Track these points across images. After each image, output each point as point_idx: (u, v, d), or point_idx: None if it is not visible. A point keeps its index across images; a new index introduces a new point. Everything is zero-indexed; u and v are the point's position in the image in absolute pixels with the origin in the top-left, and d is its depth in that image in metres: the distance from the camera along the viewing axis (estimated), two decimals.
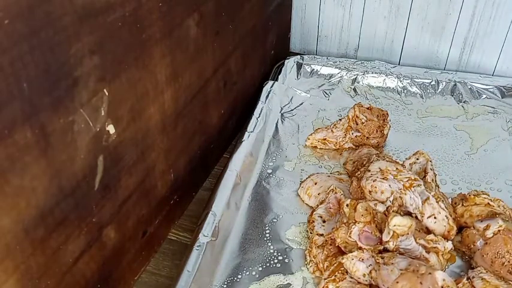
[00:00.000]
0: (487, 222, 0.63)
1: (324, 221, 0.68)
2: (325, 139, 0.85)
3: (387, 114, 0.86)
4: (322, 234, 0.66)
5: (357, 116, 0.83)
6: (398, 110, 0.96)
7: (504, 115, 0.93)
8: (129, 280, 0.63)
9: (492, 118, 0.92)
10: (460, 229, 0.67)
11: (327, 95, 1.00)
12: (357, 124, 0.83)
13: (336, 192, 0.70)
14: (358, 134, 0.84)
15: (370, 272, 0.57)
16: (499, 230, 0.62)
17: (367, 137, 0.83)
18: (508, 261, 0.61)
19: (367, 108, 0.85)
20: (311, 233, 0.67)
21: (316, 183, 0.75)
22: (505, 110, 0.94)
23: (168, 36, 0.59)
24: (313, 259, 0.64)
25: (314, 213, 0.70)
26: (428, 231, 0.65)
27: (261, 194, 0.75)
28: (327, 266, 0.61)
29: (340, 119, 0.86)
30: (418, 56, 1.09)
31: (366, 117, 0.83)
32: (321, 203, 0.71)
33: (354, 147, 0.85)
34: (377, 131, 0.83)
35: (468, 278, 0.59)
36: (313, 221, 0.68)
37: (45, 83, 0.41)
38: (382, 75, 1.02)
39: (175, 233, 0.71)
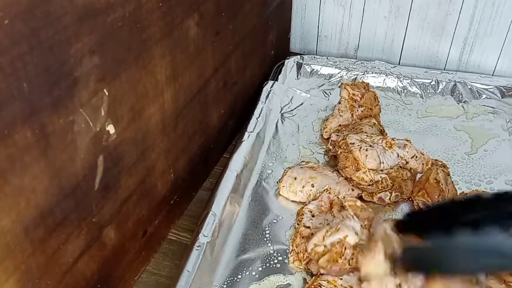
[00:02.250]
0: None
1: (313, 216, 0.69)
2: (340, 125, 0.87)
3: (367, 83, 0.93)
4: (309, 227, 0.66)
5: (353, 94, 0.88)
6: (398, 110, 0.96)
7: (504, 115, 0.93)
8: (129, 280, 0.63)
9: (492, 118, 0.92)
10: None
11: (327, 95, 1.00)
12: (356, 101, 0.88)
13: (330, 193, 0.71)
14: (363, 108, 0.88)
15: None
16: None
17: (370, 108, 0.88)
18: None
19: (353, 84, 0.90)
20: (298, 224, 0.68)
21: (295, 178, 0.75)
22: (505, 110, 0.94)
23: (168, 36, 0.59)
24: (295, 248, 0.65)
25: (305, 207, 0.70)
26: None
27: (260, 194, 0.75)
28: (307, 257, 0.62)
29: (338, 103, 0.89)
30: (418, 56, 1.09)
31: (359, 92, 0.89)
32: (314, 199, 0.71)
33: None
34: (375, 99, 0.89)
35: None
36: (303, 214, 0.69)
37: (45, 83, 0.41)
38: (382, 75, 1.02)
39: (175, 233, 0.71)
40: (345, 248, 0.60)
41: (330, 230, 0.61)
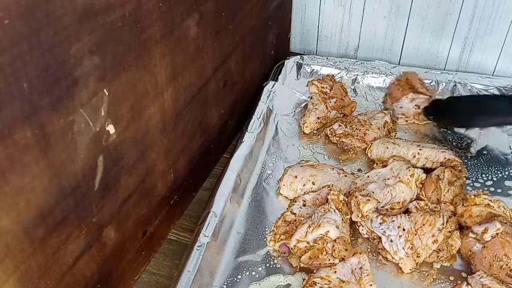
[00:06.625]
0: (485, 226, 0.63)
1: (304, 205, 0.70)
2: (318, 118, 0.89)
3: (333, 75, 0.99)
4: (295, 213, 0.68)
5: (322, 87, 0.92)
6: None
7: None
8: (129, 280, 0.63)
9: None
10: (461, 229, 0.67)
11: None
12: (326, 93, 0.92)
13: (330, 189, 0.71)
14: (334, 99, 0.92)
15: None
16: (496, 233, 0.62)
17: (341, 99, 0.92)
18: (506, 265, 0.61)
19: (319, 79, 0.94)
20: (287, 209, 0.69)
21: (296, 177, 0.75)
22: None
23: (168, 36, 0.59)
24: (275, 229, 0.66)
25: (301, 196, 0.72)
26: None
27: (261, 195, 0.76)
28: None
29: (310, 98, 0.92)
30: (418, 56, 1.09)
31: (327, 84, 0.93)
32: (314, 192, 0.72)
33: (339, 114, 0.92)
34: (343, 90, 0.93)
35: (468, 284, 0.59)
36: (295, 201, 0.70)
37: (45, 83, 0.41)
38: (382, 76, 1.02)
39: (175, 233, 0.71)
40: (327, 243, 0.61)
41: (312, 225, 0.63)
